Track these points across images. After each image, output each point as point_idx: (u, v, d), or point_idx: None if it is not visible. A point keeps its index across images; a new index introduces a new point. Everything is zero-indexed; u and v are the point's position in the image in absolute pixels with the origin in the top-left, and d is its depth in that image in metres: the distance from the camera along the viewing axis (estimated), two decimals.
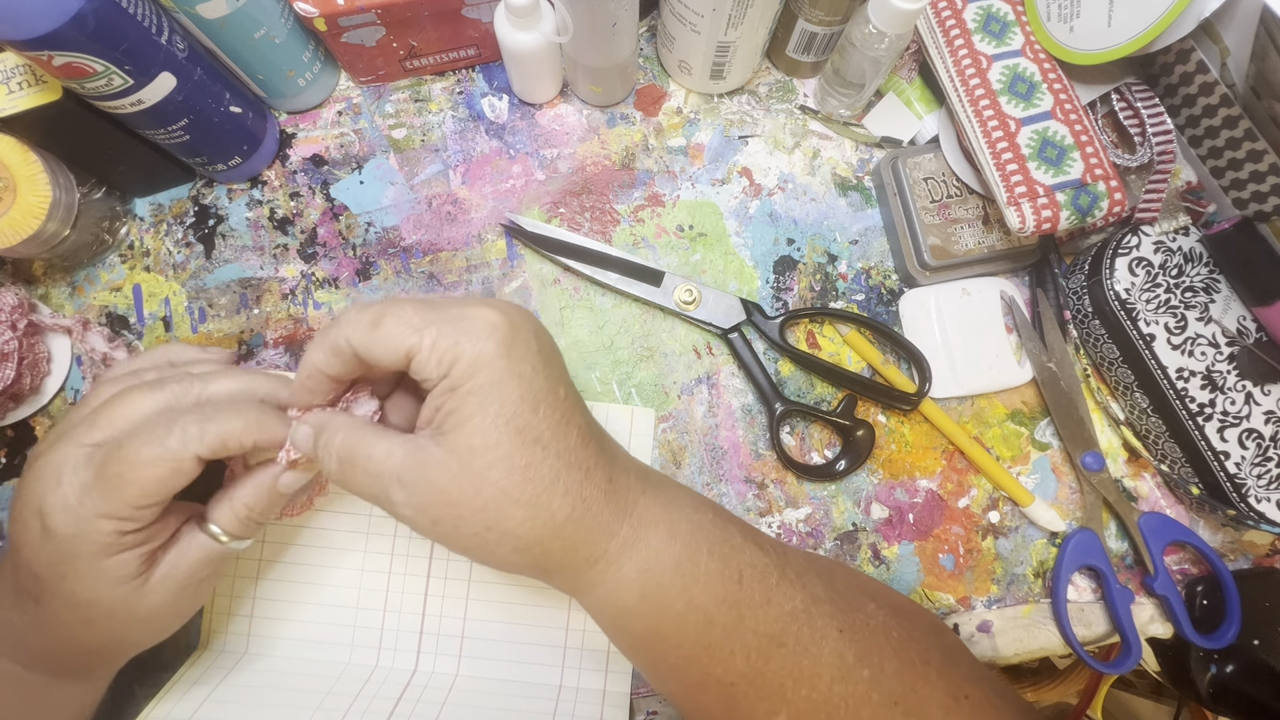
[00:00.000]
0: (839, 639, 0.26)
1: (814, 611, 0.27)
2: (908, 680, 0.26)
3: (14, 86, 0.35)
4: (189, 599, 0.30)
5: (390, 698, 0.35)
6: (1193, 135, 0.39)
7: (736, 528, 0.29)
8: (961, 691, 0.27)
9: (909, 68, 0.46)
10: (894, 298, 0.44)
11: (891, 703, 0.25)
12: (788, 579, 0.27)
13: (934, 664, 0.27)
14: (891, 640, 0.27)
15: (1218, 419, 0.38)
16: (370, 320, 0.25)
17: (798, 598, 0.27)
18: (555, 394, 0.26)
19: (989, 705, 0.27)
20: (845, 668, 0.26)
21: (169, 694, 0.34)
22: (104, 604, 0.27)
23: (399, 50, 0.43)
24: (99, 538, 0.26)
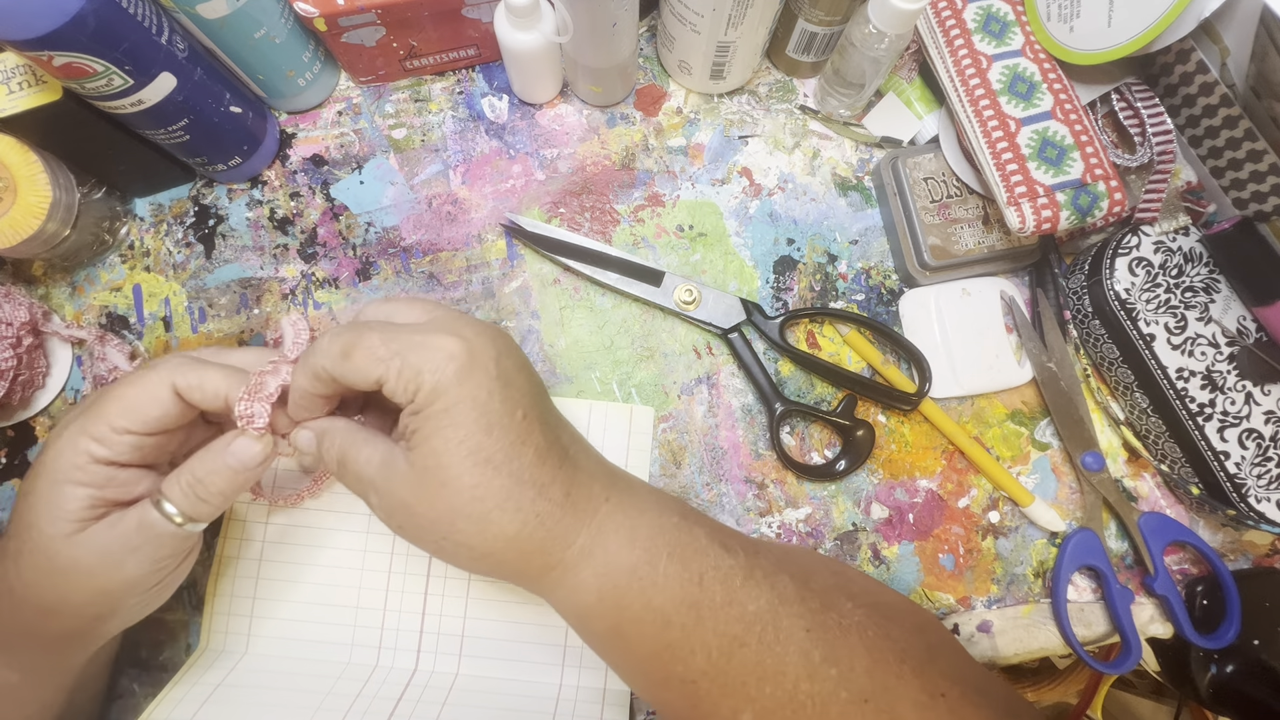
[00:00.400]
0: (805, 638, 0.27)
1: (781, 612, 0.27)
2: (879, 678, 0.26)
3: (14, 86, 0.35)
4: (114, 566, 0.28)
5: (390, 698, 0.35)
6: (1193, 135, 0.39)
7: (704, 530, 0.29)
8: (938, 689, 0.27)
9: (909, 68, 0.46)
10: (894, 298, 0.44)
11: (861, 700, 0.26)
12: (754, 580, 0.28)
13: (910, 662, 0.27)
14: (866, 639, 0.27)
15: (1218, 419, 0.38)
16: (341, 351, 0.27)
17: (763, 599, 0.27)
18: (512, 416, 0.27)
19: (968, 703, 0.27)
20: (811, 666, 0.26)
21: (169, 694, 0.34)
22: (33, 534, 0.27)
23: (399, 50, 0.43)
24: (72, 454, 0.27)
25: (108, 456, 0.28)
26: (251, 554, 0.38)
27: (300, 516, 0.39)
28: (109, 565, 0.28)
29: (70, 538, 0.27)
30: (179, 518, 0.28)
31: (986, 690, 0.28)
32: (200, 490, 0.28)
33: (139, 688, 0.38)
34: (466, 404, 0.26)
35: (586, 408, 0.41)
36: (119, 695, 0.38)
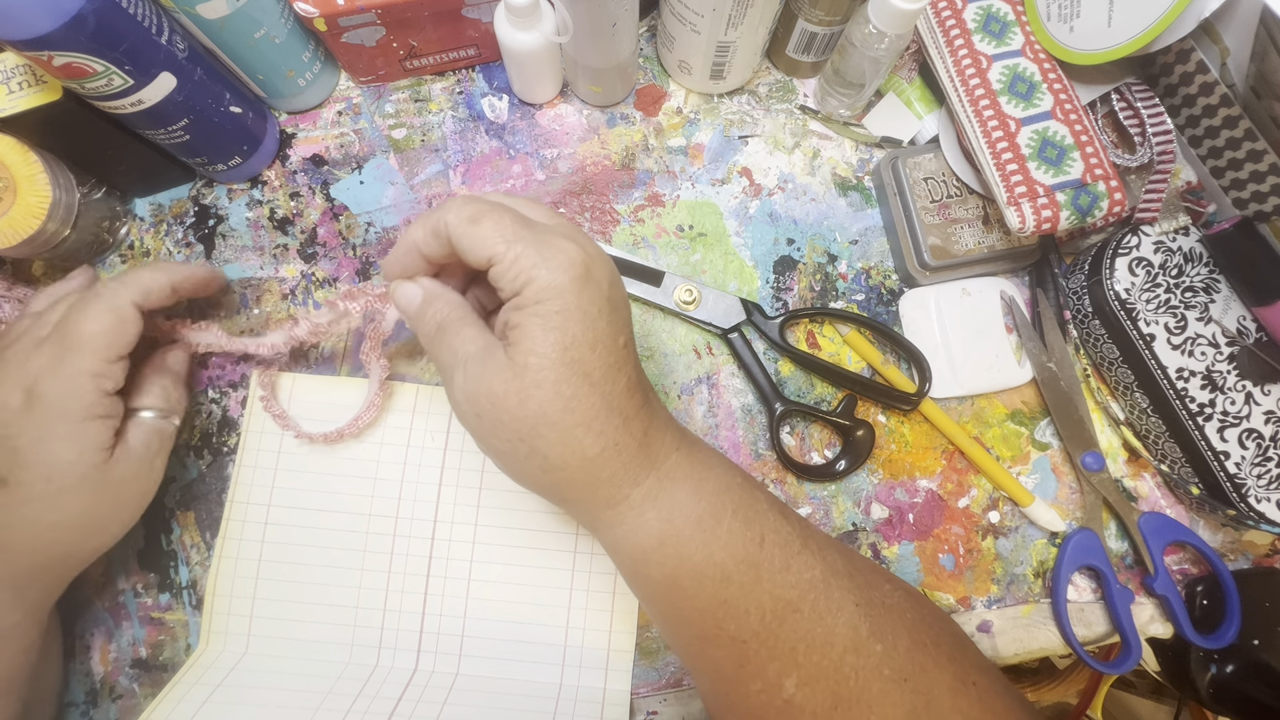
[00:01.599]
0: (855, 612, 0.27)
1: (832, 583, 0.27)
2: (918, 660, 0.27)
3: (14, 86, 0.35)
4: (147, 474, 0.33)
5: (391, 698, 0.35)
6: (1193, 135, 0.39)
7: (764, 495, 0.29)
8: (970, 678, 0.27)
9: (909, 68, 0.46)
10: (894, 298, 0.44)
11: (901, 679, 0.26)
12: (809, 549, 0.28)
13: (945, 648, 0.28)
14: (905, 620, 0.28)
15: (1218, 419, 0.38)
16: (470, 216, 0.27)
17: (817, 568, 0.27)
18: (615, 340, 0.27)
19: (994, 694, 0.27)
20: (859, 640, 0.26)
21: (169, 694, 0.34)
22: (78, 469, 0.30)
23: (399, 50, 0.43)
24: (84, 395, 0.29)
25: (113, 387, 0.31)
26: (251, 554, 0.38)
27: (300, 516, 0.39)
28: (147, 469, 0.33)
29: (108, 463, 0.31)
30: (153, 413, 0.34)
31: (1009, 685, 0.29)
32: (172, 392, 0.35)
33: (139, 688, 0.38)
34: (578, 313, 0.26)
35: None
36: (119, 695, 0.38)
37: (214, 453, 0.40)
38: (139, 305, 0.31)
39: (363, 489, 0.39)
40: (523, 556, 0.39)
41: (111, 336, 0.30)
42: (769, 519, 0.28)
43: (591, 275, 0.26)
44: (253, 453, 0.39)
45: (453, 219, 0.27)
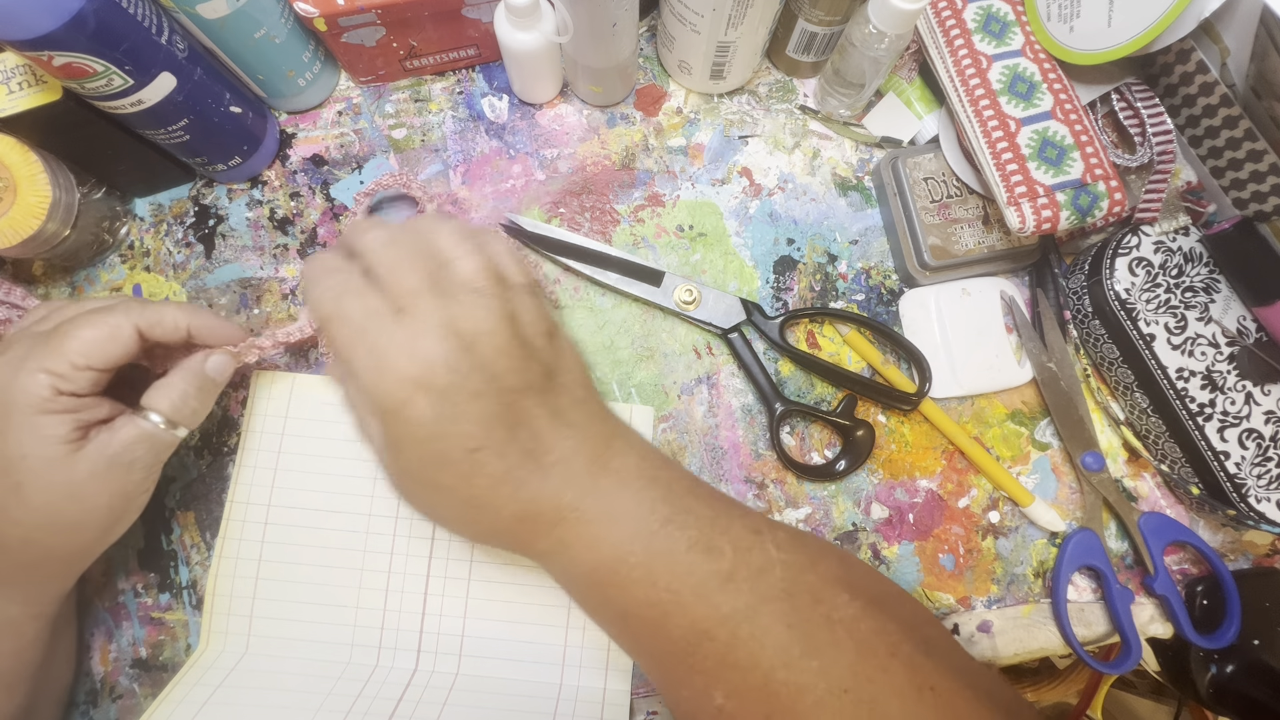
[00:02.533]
0: (786, 633, 0.27)
1: (760, 610, 0.27)
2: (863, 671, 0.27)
3: (14, 86, 0.35)
4: (119, 477, 0.31)
5: (391, 698, 0.35)
6: (1193, 135, 0.39)
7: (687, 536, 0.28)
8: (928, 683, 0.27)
9: (909, 68, 0.46)
10: (894, 298, 0.44)
11: (841, 691, 0.26)
12: (734, 582, 0.28)
13: (901, 656, 0.27)
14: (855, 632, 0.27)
15: (1218, 419, 0.38)
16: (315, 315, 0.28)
17: (741, 600, 0.27)
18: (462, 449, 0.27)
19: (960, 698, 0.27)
20: (789, 659, 0.26)
21: (170, 695, 0.34)
22: (33, 462, 0.29)
23: (399, 50, 0.43)
24: (34, 389, 0.29)
25: (70, 389, 0.29)
26: (251, 554, 0.38)
27: (300, 517, 0.39)
28: (121, 471, 0.31)
29: (72, 456, 0.30)
30: (159, 420, 0.32)
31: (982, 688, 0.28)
32: (190, 401, 0.33)
33: (139, 688, 0.38)
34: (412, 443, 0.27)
35: None
36: (119, 695, 0.38)
37: (214, 453, 0.40)
38: (142, 331, 0.31)
39: (363, 489, 0.39)
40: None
41: (92, 345, 0.30)
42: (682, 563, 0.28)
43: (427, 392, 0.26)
44: (253, 453, 0.39)
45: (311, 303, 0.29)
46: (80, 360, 0.29)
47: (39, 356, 0.29)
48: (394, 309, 0.27)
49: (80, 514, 0.31)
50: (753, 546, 0.29)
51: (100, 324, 0.30)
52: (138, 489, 0.32)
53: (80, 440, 0.30)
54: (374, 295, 0.27)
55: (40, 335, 0.30)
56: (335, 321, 0.27)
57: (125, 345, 0.30)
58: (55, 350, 0.29)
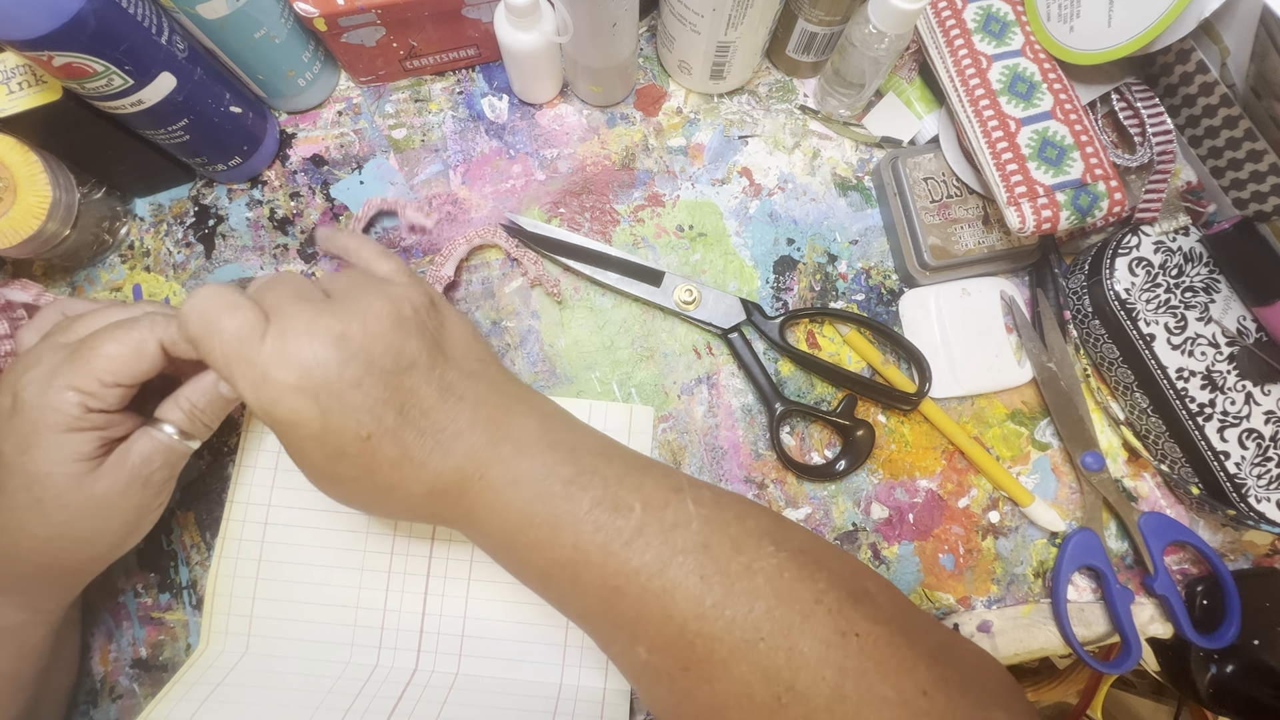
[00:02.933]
0: (698, 585, 0.27)
1: (671, 563, 0.28)
2: (782, 618, 0.27)
3: (14, 86, 0.35)
4: (137, 491, 0.31)
5: (390, 697, 0.35)
6: (1193, 135, 0.39)
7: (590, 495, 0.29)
8: (853, 629, 0.27)
9: (909, 68, 0.46)
10: (894, 298, 0.44)
11: (757, 639, 0.26)
12: (643, 537, 0.28)
13: (827, 603, 0.27)
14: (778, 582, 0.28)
15: (1218, 419, 0.38)
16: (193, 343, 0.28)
17: (650, 554, 0.28)
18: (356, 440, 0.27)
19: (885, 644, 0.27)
20: (701, 610, 0.27)
21: (169, 694, 0.34)
22: (56, 479, 0.29)
23: (399, 50, 0.43)
24: (65, 408, 0.29)
25: (100, 407, 0.29)
26: (251, 554, 0.38)
27: (300, 516, 0.39)
28: (138, 486, 0.31)
29: (92, 474, 0.30)
30: (173, 432, 0.32)
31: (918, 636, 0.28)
32: (202, 415, 0.33)
33: (139, 688, 0.38)
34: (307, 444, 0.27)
35: (586, 408, 0.41)
36: (119, 695, 0.38)
37: (214, 453, 0.40)
38: (166, 347, 0.30)
39: None
40: None
41: (118, 363, 0.29)
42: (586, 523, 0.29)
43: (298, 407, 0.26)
44: (253, 453, 0.39)
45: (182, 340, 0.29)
46: (108, 378, 0.29)
47: (67, 373, 0.29)
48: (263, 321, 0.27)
49: (96, 528, 0.31)
50: (668, 503, 0.30)
51: (126, 339, 0.30)
52: (153, 502, 0.33)
53: (101, 457, 0.30)
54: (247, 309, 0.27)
55: (66, 348, 0.30)
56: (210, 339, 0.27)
57: (151, 361, 0.30)
58: (83, 367, 0.29)
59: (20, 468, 0.29)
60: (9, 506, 0.30)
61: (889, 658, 0.26)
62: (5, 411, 0.29)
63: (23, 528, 0.30)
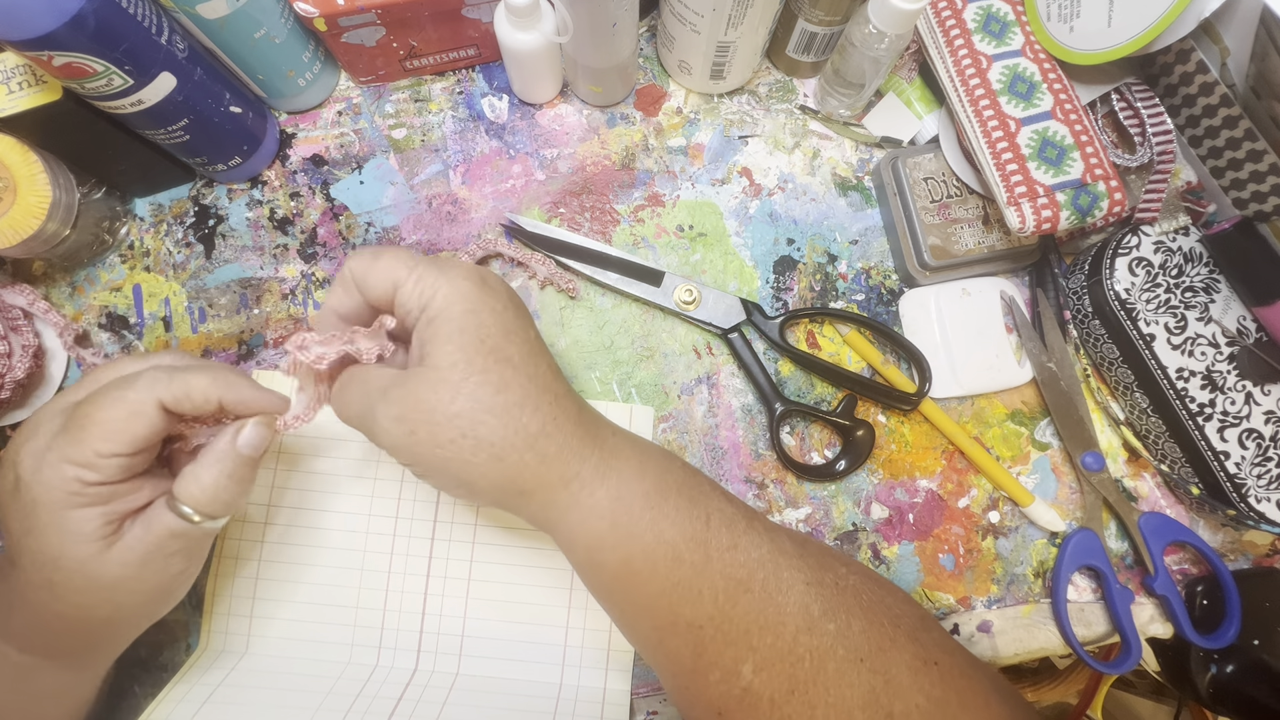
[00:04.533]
0: (805, 591, 0.27)
1: (781, 562, 0.27)
2: (875, 639, 0.27)
3: (14, 86, 0.35)
4: (155, 574, 0.29)
5: (390, 698, 0.35)
6: (1193, 135, 0.39)
7: (705, 478, 0.30)
8: (931, 657, 0.27)
9: (909, 68, 0.46)
10: (894, 298, 0.44)
11: (858, 659, 0.26)
12: (755, 529, 0.28)
13: (904, 628, 0.27)
14: (861, 600, 0.28)
15: (1218, 419, 0.38)
16: (370, 254, 0.28)
17: (764, 547, 0.28)
18: (526, 331, 0.28)
19: (959, 673, 0.27)
20: (811, 619, 0.26)
21: (169, 694, 0.34)
22: (64, 563, 0.27)
23: (399, 50, 0.43)
24: (61, 484, 0.26)
25: (98, 479, 0.27)
26: (251, 554, 0.38)
27: (300, 517, 0.39)
28: (154, 569, 0.29)
29: (103, 555, 0.27)
30: (193, 515, 0.29)
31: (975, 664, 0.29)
32: (224, 491, 0.29)
33: (139, 688, 0.38)
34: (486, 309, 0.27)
35: None
36: (119, 695, 0.38)
37: None
38: (168, 406, 0.27)
39: (363, 489, 0.39)
40: (522, 556, 0.39)
41: (113, 429, 0.26)
42: (713, 499, 0.29)
43: (488, 283, 0.28)
44: None
45: (355, 263, 0.28)
46: (105, 447, 0.26)
47: (61, 445, 0.26)
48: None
49: (115, 610, 0.29)
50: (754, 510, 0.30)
51: (120, 403, 0.27)
52: (177, 580, 0.30)
53: (112, 536, 0.28)
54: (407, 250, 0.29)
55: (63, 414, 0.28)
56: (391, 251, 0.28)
57: (150, 424, 0.27)
58: (76, 438, 0.26)
59: (28, 549, 0.27)
60: (25, 585, 0.28)
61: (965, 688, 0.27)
62: (9, 489, 0.27)
63: (45, 606, 0.28)
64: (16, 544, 0.28)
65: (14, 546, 0.28)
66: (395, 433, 0.27)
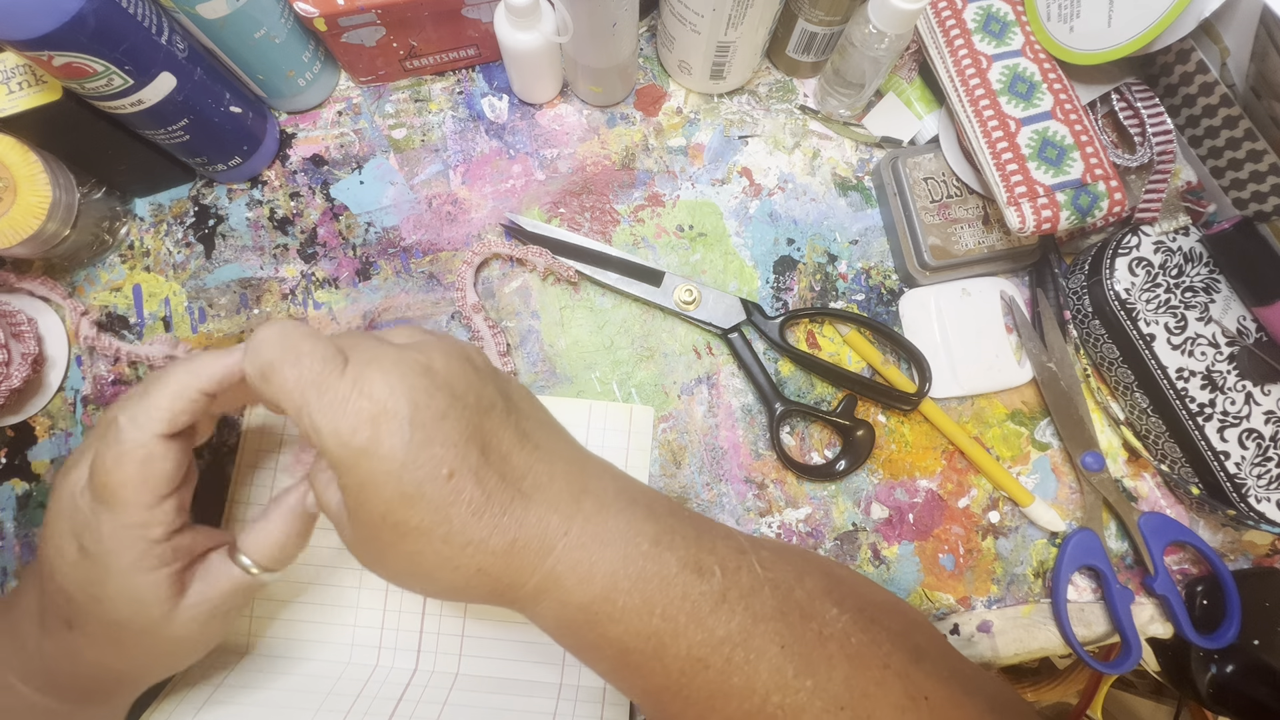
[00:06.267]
0: (780, 655, 0.26)
1: (753, 631, 0.27)
2: (858, 685, 0.26)
3: (14, 86, 0.35)
4: (216, 629, 0.30)
5: (391, 698, 0.35)
6: (1193, 135, 0.39)
7: (676, 556, 0.28)
8: (922, 693, 0.27)
9: (909, 68, 0.46)
10: (894, 298, 0.44)
11: (837, 708, 0.26)
12: (727, 603, 0.27)
13: (894, 667, 0.27)
14: (847, 646, 0.27)
15: (1218, 419, 0.38)
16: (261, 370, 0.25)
17: (735, 622, 0.27)
18: (435, 480, 0.24)
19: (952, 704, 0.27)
20: (784, 680, 0.26)
21: (170, 695, 0.34)
22: (135, 627, 0.28)
23: (399, 50, 0.43)
24: (131, 550, 0.26)
25: (164, 532, 0.27)
26: None
27: None
28: (219, 623, 0.30)
29: (171, 616, 0.28)
30: (255, 569, 0.29)
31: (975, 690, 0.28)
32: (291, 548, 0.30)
33: None
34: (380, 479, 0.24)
35: (586, 408, 0.41)
36: None
37: (214, 452, 0.40)
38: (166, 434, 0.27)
39: None
40: None
41: (139, 483, 0.26)
42: (675, 586, 0.27)
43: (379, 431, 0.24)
44: (252, 453, 0.39)
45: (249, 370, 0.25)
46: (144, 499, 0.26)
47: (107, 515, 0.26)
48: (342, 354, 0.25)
49: (177, 660, 0.31)
50: (740, 566, 0.29)
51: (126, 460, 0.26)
52: (229, 629, 0.32)
53: (178, 595, 0.28)
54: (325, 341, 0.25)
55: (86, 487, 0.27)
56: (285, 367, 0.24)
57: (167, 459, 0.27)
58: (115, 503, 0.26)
59: (96, 615, 0.28)
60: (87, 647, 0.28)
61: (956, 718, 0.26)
62: (72, 556, 0.27)
63: (103, 665, 0.29)
64: (81, 610, 0.28)
65: (76, 611, 0.28)
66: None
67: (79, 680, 0.30)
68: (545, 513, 0.27)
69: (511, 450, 0.27)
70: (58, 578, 0.28)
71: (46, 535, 0.28)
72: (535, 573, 0.27)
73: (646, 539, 0.28)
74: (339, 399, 0.24)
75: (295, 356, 0.24)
